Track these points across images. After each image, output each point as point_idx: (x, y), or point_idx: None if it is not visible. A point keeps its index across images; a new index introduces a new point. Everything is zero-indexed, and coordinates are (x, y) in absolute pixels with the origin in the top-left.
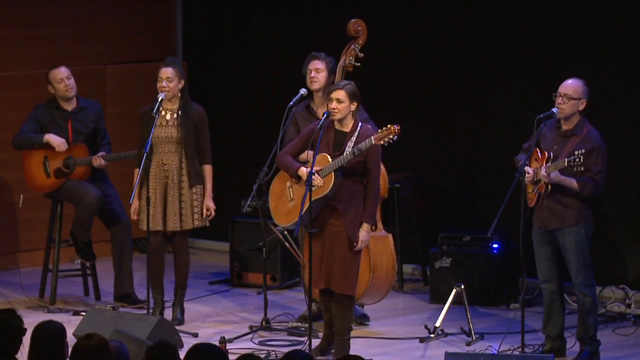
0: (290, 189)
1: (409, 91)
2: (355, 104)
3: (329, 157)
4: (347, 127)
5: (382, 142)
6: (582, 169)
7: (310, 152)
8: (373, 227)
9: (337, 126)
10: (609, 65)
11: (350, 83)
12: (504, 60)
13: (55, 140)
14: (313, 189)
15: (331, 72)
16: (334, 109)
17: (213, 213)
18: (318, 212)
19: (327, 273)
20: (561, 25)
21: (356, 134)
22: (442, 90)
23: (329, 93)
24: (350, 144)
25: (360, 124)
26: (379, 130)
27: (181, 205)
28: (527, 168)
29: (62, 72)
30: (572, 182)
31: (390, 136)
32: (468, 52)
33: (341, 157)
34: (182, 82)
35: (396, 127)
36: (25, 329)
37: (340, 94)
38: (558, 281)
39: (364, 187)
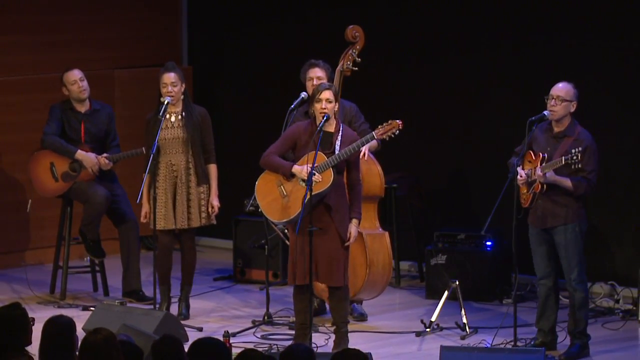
0: (282, 187)
1: (405, 94)
2: (337, 103)
3: (322, 155)
4: (332, 127)
5: (384, 137)
6: (579, 166)
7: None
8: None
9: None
10: (598, 70)
11: (332, 84)
12: (498, 63)
13: (89, 161)
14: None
15: (330, 79)
16: (324, 108)
17: (217, 211)
18: (311, 209)
19: (315, 268)
20: (551, 31)
21: (340, 133)
22: (437, 93)
23: (314, 95)
24: (338, 142)
25: (341, 124)
26: (379, 126)
27: (189, 203)
28: (520, 170)
29: (75, 74)
30: (567, 182)
31: (393, 130)
32: (463, 56)
33: (346, 149)
34: (184, 85)
35: (399, 122)
36: (33, 319)
37: (329, 94)
38: (554, 278)
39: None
